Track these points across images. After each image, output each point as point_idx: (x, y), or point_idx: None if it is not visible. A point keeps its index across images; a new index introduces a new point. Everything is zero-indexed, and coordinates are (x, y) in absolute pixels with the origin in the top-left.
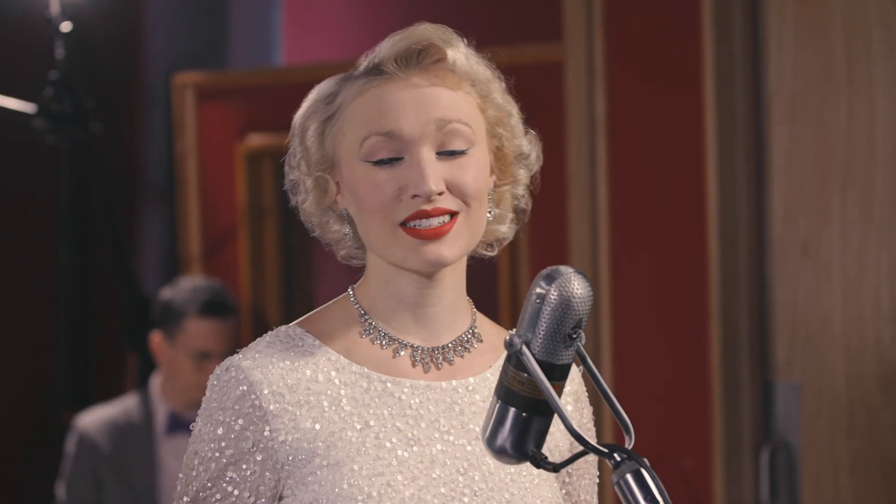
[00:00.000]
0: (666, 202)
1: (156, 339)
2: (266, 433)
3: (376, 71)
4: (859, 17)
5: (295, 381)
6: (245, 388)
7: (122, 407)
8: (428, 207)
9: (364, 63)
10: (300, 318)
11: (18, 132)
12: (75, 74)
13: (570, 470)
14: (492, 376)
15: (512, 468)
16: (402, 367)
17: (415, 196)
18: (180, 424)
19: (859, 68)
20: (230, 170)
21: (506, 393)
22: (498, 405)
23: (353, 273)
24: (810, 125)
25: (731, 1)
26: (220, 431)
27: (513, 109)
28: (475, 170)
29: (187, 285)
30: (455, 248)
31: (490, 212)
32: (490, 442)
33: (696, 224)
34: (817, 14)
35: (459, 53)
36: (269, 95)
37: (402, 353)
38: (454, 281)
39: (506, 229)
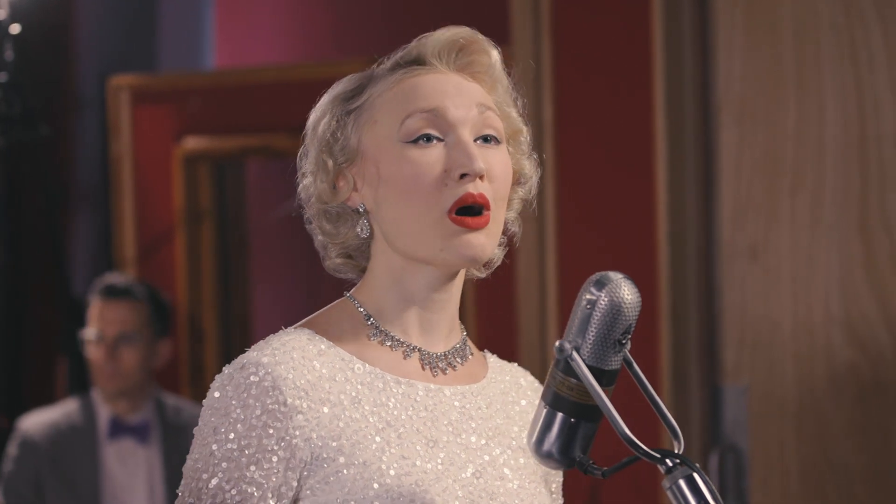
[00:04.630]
0: (615, 205)
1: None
2: (290, 429)
3: (416, 62)
4: (809, 20)
5: (315, 379)
6: (268, 383)
7: (64, 411)
8: (474, 192)
9: (395, 58)
10: (301, 322)
11: None
12: (24, 77)
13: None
14: (490, 385)
15: (518, 472)
16: (412, 370)
17: (462, 176)
18: (122, 428)
19: (809, 71)
20: (166, 173)
21: (553, 398)
22: (545, 410)
23: (290, 279)
24: (759, 128)
25: (681, 4)
26: (239, 428)
27: (524, 128)
28: (505, 165)
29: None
30: (491, 244)
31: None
32: (536, 447)
33: (645, 227)
34: (766, 17)
35: (497, 58)
36: (206, 98)
37: (412, 355)
38: (457, 292)
39: (497, 250)
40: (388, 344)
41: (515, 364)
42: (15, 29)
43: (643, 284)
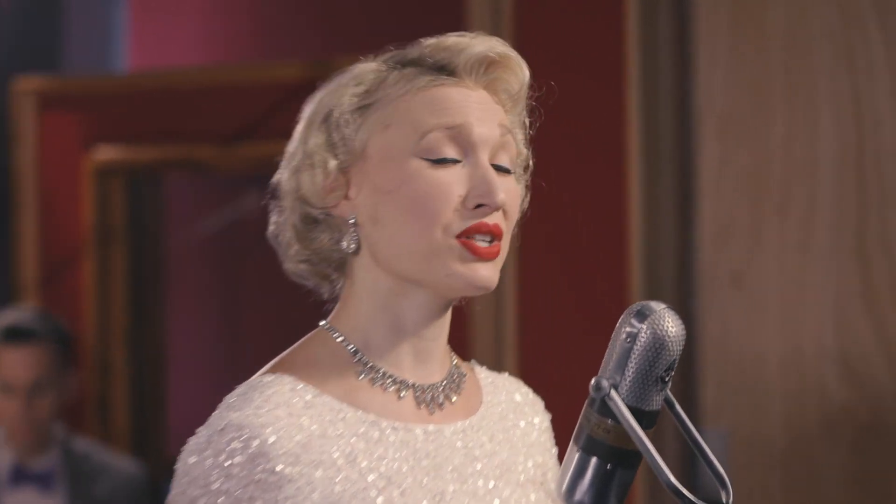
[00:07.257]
0: (584, 225)
1: None
2: (279, 500)
3: (446, 71)
4: (800, 25)
5: (305, 439)
6: (254, 450)
7: None
8: (489, 222)
9: (413, 57)
10: (275, 363)
11: None
12: None
13: None
14: (488, 413)
15: None
16: (407, 411)
17: (478, 206)
18: (24, 476)
19: (800, 81)
20: (74, 186)
21: (587, 441)
22: (578, 455)
23: (210, 308)
24: (744, 142)
25: (658, 7)
26: (222, 501)
27: (525, 151)
28: (516, 196)
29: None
30: (497, 276)
31: None
32: (567, 496)
33: (617, 250)
34: (753, 21)
35: (526, 81)
36: (120, 103)
37: (405, 394)
38: (449, 316)
39: None
40: (380, 384)
41: (506, 374)
42: None
43: (613, 315)
